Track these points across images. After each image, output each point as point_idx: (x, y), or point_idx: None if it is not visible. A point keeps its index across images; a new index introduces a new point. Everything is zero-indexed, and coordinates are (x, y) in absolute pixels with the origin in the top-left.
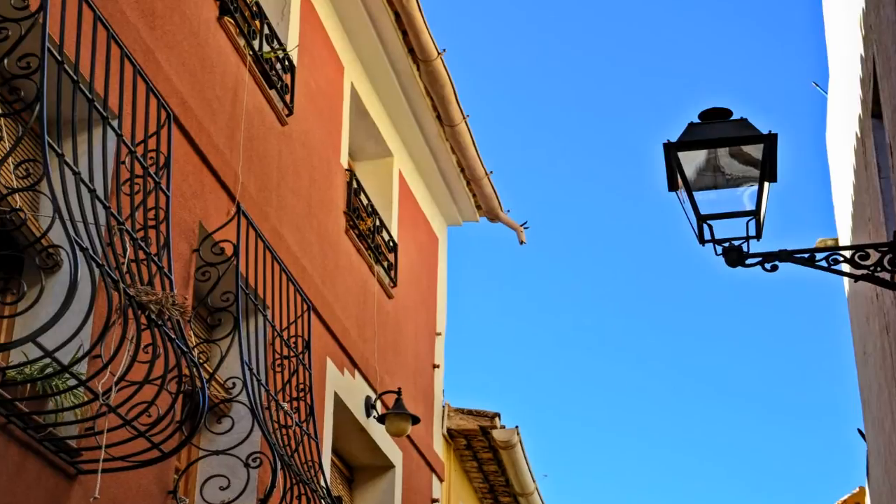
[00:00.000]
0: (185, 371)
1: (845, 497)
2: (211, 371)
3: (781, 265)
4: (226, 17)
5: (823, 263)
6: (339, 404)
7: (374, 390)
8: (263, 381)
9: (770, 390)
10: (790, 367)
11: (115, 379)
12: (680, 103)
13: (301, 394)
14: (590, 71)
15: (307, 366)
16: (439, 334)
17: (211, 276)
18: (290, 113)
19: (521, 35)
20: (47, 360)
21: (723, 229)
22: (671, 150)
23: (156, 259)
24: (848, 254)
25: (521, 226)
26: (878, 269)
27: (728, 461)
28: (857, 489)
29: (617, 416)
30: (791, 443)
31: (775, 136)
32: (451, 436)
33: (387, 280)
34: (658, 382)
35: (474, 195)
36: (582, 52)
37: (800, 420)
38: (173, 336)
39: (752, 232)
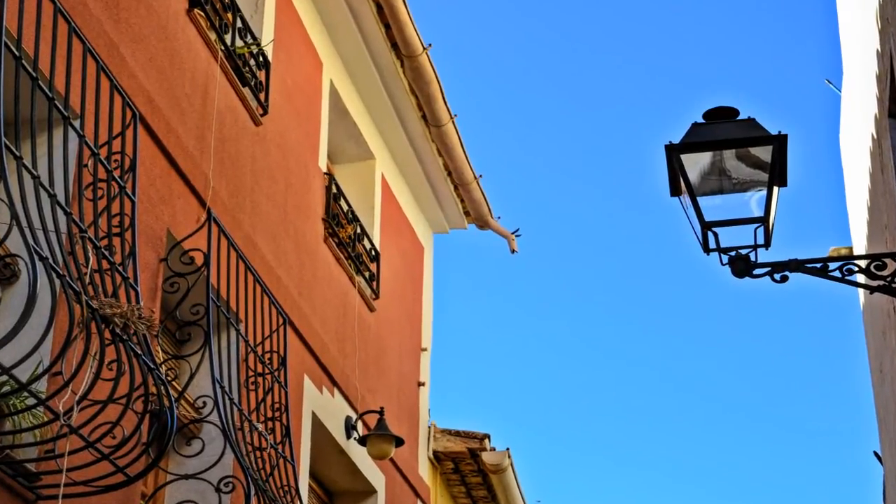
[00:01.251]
0: (152, 389)
1: None
2: (180, 389)
3: (792, 276)
4: (196, 10)
5: (837, 274)
6: (318, 425)
7: (355, 410)
8: (236, 400)
9: (779, 409)
10: (801, 384)
11: (77, 398)
12: (683, 102)
13: (276, 414)
14: (586, 67)
15: (283, 384)
16: (425, 350)
17: (180, 287)
18: (265, 112)
19: (513, 29)
20: (4, 378)
21: (729, 237)
22: (673, 152)
23: (120, 269)
24: (863, 263)
25: (513, 233)
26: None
27: (735, 484)
28: None
29: (615, 436)
30: (802, 466)
31: (785, 136)
32: (438, 459)
33: (368, 292)
34: (660, 400)
35: (462, 200)
36: (577, 46)
37: (811, 441)
38: (139, 352)
39: (761, 240)
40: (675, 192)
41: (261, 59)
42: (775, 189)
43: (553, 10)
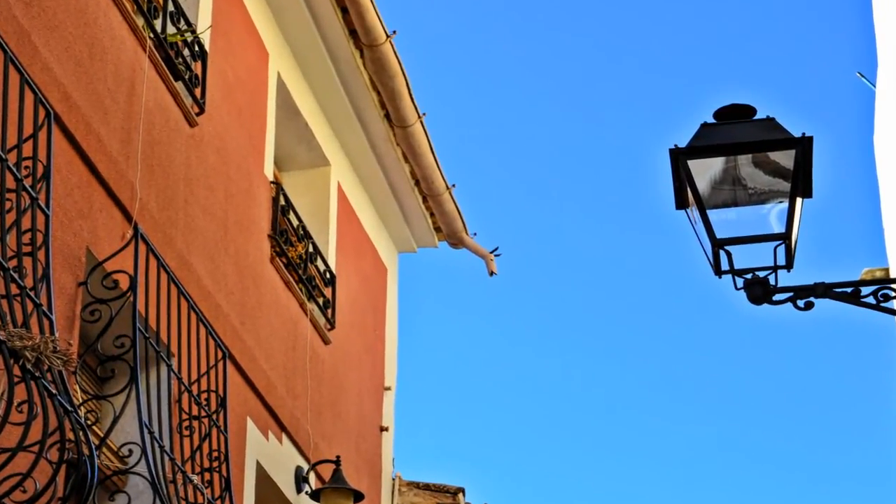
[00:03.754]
0: (70, 435)
1: None
2: (102, 435)
3: (818, 302)
4: None
5: (870, 300)
6: (263, 477)
7: (307, 459)
8: (167, 448)
9: (807, 454)
10: (831, 425)
11: None
12: (690, 99)
13: (215, 463)
14: (576, 58)
15: (222, 428)
16: (388, 389)
17: (101, 315)
18: (201, 111)
19: (490, 14)
20: None
21: (745, 257)
22: (680, 157)
23: (32, 294)
24: None
25: (491, 253)
26: None
27: None
28: None
29: (611, 489)
30: None
31: (810, 139)
32: None
33: (322, 321)
34: (664, 448)
35: (432, 214)
36: (566, 34)
37: (844, 489)
38: (54, 391)
39: (782, 261)
40: (681, 204)
41: (196, 48)
42: (798, 201)
43: None
